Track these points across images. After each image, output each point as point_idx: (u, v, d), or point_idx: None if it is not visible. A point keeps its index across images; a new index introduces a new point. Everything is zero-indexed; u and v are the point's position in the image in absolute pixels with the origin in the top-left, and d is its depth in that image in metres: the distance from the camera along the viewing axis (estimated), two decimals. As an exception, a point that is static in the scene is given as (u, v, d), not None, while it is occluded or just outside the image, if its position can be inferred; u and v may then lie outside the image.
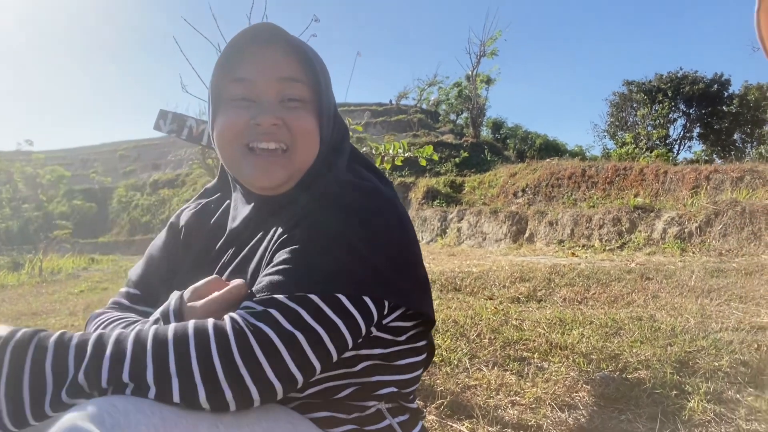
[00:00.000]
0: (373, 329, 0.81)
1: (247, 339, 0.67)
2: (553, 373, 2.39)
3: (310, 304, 0.71)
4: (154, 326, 0.69)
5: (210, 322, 0.69)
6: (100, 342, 0.66)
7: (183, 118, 3.18)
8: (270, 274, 0.74)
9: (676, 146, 23.91)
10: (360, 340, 0.77)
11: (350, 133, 0.95)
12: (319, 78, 0.83)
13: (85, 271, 10.13)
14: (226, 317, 0.70)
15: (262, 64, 0.81)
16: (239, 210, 0.93)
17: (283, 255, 0.75)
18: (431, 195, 13.33)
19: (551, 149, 20.08)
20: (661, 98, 23.31)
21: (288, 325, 0.69)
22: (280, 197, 0.87)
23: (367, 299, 0.74)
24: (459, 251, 8.90)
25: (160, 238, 1.03)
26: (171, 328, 0.68)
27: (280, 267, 0.74)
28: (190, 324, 0.68)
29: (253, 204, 0.90)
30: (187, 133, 3.17)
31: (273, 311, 0.69)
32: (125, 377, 0.63)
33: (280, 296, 0.71)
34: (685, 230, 7.53)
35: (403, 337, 0.87)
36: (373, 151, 3.32)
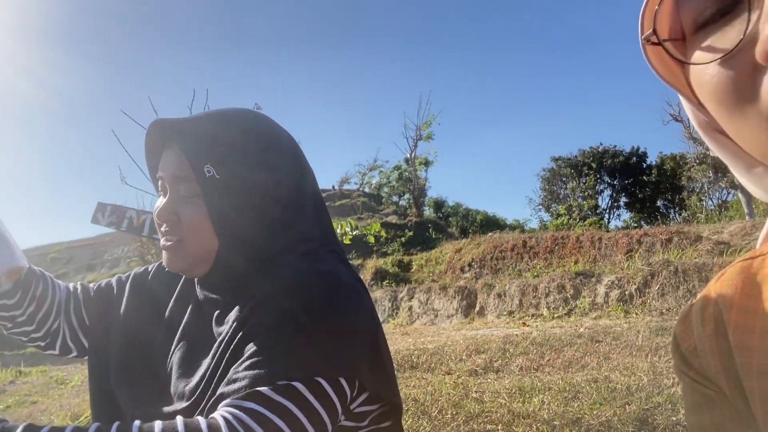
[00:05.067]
0: (342, 416, 0.78)
1: None
2: (519, 444, 2.34)
3: (296, 394, 0.68)
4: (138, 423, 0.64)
5: (203, 423, 0.64)
6: None
7: (122, 210, 3.10)
8: (246, 368, 0.71)
9: (606, 215, 25.37)
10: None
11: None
12: (205, 174, 0.81)
13: (11, 384, 9.20)
14: (220, 419, 0.65)
15: (164, 164, 0.85)
16: (183, 292, 0.94)
17: (252, 347, 0.73)
18: (380, 275, 13.30)
19: (492, 224, 20.74)
20: (586, 171, 25.00)
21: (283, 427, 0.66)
22: (209, 279, 0.86)
23: (342, 381, 0.73)
24: (412, 330, 8.80)
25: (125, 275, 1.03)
26: (158, 425, 0.63)
27: (255, 359, 0.71)
28: (180, 421, 0.64)
29: (193, 286, 0.91)
30: (128, 224, 3.08)
31: (261, 409, 0.66)
32: None
33: (264, 389, 0.67)
34: (626, 292, 7.82)
35: (365, 422, 0.84)
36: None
